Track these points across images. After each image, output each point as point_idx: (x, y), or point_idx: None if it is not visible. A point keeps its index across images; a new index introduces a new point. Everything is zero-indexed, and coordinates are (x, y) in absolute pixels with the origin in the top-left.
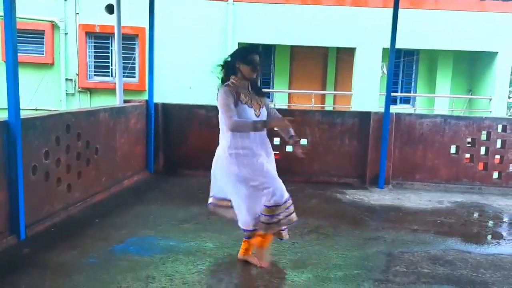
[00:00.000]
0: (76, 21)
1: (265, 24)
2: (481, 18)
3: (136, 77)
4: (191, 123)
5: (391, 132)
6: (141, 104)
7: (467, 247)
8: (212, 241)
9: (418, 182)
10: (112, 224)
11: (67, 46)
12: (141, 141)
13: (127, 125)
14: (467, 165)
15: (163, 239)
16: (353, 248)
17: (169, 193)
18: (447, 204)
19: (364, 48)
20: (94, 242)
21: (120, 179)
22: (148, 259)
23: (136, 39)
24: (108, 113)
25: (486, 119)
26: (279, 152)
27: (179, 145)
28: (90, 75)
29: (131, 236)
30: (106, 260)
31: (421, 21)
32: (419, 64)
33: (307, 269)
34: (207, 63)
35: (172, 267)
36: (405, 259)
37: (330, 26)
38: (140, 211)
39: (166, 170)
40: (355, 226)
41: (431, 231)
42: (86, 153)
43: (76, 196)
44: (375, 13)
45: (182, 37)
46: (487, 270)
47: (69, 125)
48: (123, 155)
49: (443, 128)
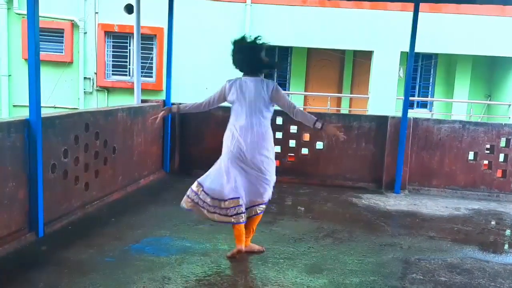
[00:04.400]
0: (95, 21)
1: (282, 25)
2: (501, 23)
3: (153, 77)
4: (208, 124)
5: (408, 137)
6: (159, 104)
7: (485, 256)
8: (228, 243)
9: (434, 188)
10: (128, 224)
11: (86, 45)
12: (157, 141)
13: (144, 125)
14: (485, 172)
15: (179, 240)
16: (369, 253)
17: (184, 193)
18: (464, 211)
19: (382, 51)
20: (111, 241)
21: (136, 179)
22: (164, 259)
23: (154, 39)
24: (126, 112)
25: (505, 126)
26: (294, 155)
27: (195, 145)
28: (108, 74)
29: (147, 236)
30: (122, 260)
31: (440, 25)
32: (437, 68)
33: (323, 274)
34: (224, 64)
35: (188, 269)
36: (422, 267)
37: (347, 29)
38: (155, 211)
39: (182, 170)
40: (371, 231)
41: (448, 239)
42: (103, 152)
43: (93, 195)
44: (394, 17)
45: (199, 37)
46: (506, 280)
47: (88, 124)
48: (139, 154)
49: (461, 134)
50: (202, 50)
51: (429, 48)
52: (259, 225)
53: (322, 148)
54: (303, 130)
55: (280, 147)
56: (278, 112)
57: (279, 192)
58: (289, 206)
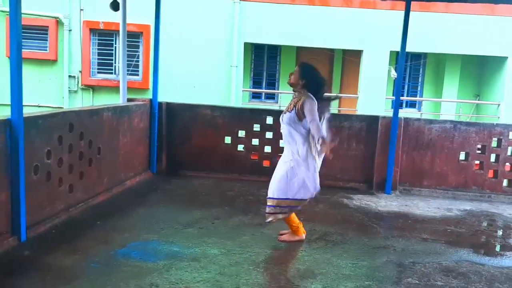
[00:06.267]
0: (80, 18)
1: (271, 24)
2: (491, 22)
3: (140, 75)
4: (196, 123)
5: (399, 137)
6: (145, 103)
7: (480, 259)
8: (217, 247)
9: (425, 189)
10: (114, 227)
11: (70, 42)
12: (144, 141)
13: (130, 125)
14: (476, 172)
15: (167, 244)
16: (362, 257)
17: (171, 195)
18: (456, 212)
19: (371, 50)
20: (96, 246)
21: (122, 180)
22: (151, 265)
23: (140, 37)
24: (112, 112)
25: (497, 126)
26: None
27: (183, 145)
28: (93, 72)
29: (133, 240)
30: (108, 265)
31: (429, 24)
32: (426, 68)
33: (316, 279)
34: (212, 62)
35: (177, 275)
36: (417, 270)
37: (337, 28)
38: (142, 213)
39: (169, 171)
40: (363, 233)
41: (441, 241)
42: (88, 153)
43: (78, 197)
44: (383, 16)
45: (187, 35)
46: (503, 285)
47: (72, 124)
48: (125, 155)
49: (453, 134)
50: (190, 48)
51: (418, 48)
52: (250, 227)
53: None
54: None
55: (271, 147)
56: (268, 111)
57: None
58: None
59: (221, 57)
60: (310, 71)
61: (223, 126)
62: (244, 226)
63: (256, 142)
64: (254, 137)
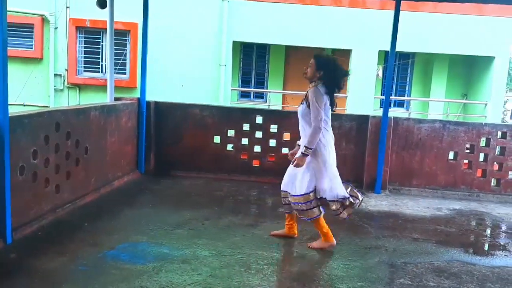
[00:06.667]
0: (66, 15)
1: (260, 22)
2: (479, 22)
3: (127, 74)
4: (184, 122)
5: (388, 136)
6: (133, 102)
7: (471, 259)
8: (208, 248)
9: (415, 188)
10: (102, 228)
11: (56, 40)
12: (132, 141)
13: (118, 124)
14: (465, 171)
15: (156, 246)
16: (354, 257)
17: (160, 195)
18: (446, 212)
19: (360, 50)
20: (84, 248)
21: (110, 180)
22: (140, 267)
23: (128, 35)
24: (99, 111)
25: (485, 125)
26: (274, 155)
27: (171, 145)
28: (79, 70)
29: (122, 242)
30: (97, 268)
31: (417, 24)
32: (414, 67)
33: (309, 280)
34: (201, 61)
35: (166, 277)
36: (409, 271)
37: (326, 27)
38: (131, 214)
39: (158, 171)
40: (354, 234)
41: (432, 240)
42: (75, 153)
43: (65, 198)
44: (372, 15)
45: (175, 33)
46: (495, 285)
47: (59, 123)
48: (113, 155)
49: (442, 134)
50: (178, 46)
51: (407, 47)
52: (241, 228)
53: None
54: (283, 129)
55: (260, 146)
56: (258, 111)
57: (259, 193)
58: (271, 207)
59: (210, 55)
60: (326, 61)
61: (212, 125)
62: (234, 226)
63: (246, 141)
64: (244, 136)
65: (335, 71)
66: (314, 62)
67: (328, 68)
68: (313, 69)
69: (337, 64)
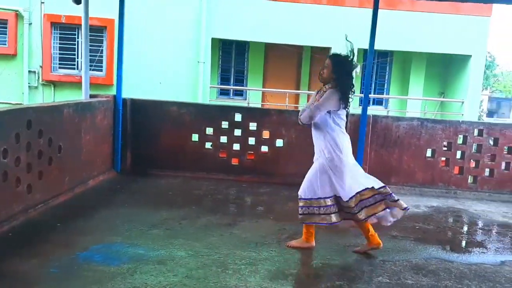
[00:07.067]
0: (41, 11)
1: (239, 20)
2: (456, 21)
3: (103, 71)
4: (162, 120)
5: (367, 134)
6: (108, 100)
7: (449, 256)
8: (184, 248)
9: (393, 186)
10: (75, 229)
11: (31, 36)
12: (108, 139)
13: (93, 122)
14: (442, 169)
15: (131, 247)
16: (333, 256)
17: (137, 195)
18: (424, 209)
19: (339, 48)
20: (56, 249)
21: (85, 179)
22: (114, 269)
23: (104, 31)
24: (73, 108)
25: (462, 123)
26: (253, 153)
27: (149, 143)
28: (54, 67)
29: (96, 243)
30: (69, 270)
31: (395, 22)
32: (393, 66)
33: (287, 280)
34: (179, 58)
35: (141, 279)
36: (387, 269)
37: (305, 25)
38: (106, 214)
39: (134, 170)
40: (334, 232)
41: (410, 238)
42: (48, 152)
43: (37, 198)
44: (351, 13)
45: (153, 30)
46: (472, 282)
47: (31, 121)
48: (88, 153)
49: (420, 131)
50: (156, 43)
51: (385, 46)
52: (218, 227)
53: (282, 146)
54: (262, 127)
55: (239, 145)
56: (236, 108)
57: (238, 192)
58: (249, 206)
59: (188, 52)
60: (344, 64)
61: (191, 123)
62: (212, 226)
63: (225, 139)
64: (223, 134)
65: (350, 73)
66: (330, 64)
67: (345, 69)
68: (329, 70)
69: (352, 65)
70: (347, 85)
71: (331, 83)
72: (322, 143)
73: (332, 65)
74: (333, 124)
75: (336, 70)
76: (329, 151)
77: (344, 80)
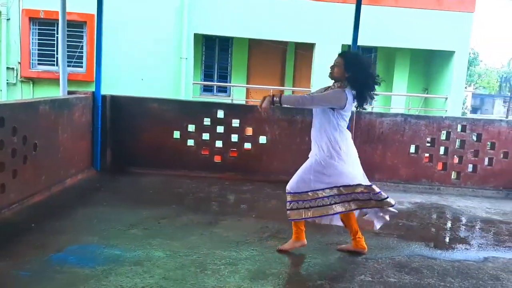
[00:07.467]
0: (19, 6)
1: (222, 15)
2: (439, 17)
3: (84, 67)
4: (143, 117)
5: (351, 130)
6: (87, 96)
7: (432, 253)
8: (163, 249)
9: (377, 182)
10: (51, 229)
11: (9, 32)
12: (87, 136)
13: (70, 119)
14: (426, 165)
15: (107, 247)
16: (315, 254)
17: (116, 193)
18: (407, 205)
19: (323, 43)
20: (29, 251)
21: (62, 178)
22: (88, 271)
23: (84, 27)
24: (49, 105)
25: (446, 119)
26: (236, 150)
27: (129, 141)
28: (33, 64)
29: (71, 244)
30: (40, 273)
31: (379, 18)
32: (377, 62)
33: (267, 280)
34: (161, 54)
35: (116, 281)
36: (370, 267)
37: (289, 20)
38: (83, 214)
39: (115, 168)
40: (316, 230)
41: (393, 235)
42: (23, 150)
43: (11, 197)
44: (335, 9)
45: (134, 25)
46: (455, 279)
47: (3, 118)
48: (65, 151)
49: (403, 127)
50: (137, 38)
51: (369, 41)
52: (199, 226)
53: (265, 143)
54: (245, 124)
55: (222, 142)
56: (219, 105)
57: (221, 190)
58: (232, 204)
59: (170, 48)
60: (357, 61)
61: (172, 120)
62: (192, 225)
63: (207, 136)
64: (205, 131)
65: (366, 73)
66: (342, 61)
67: (358, 69)
68: (340, 69)
69: (369, 63)
70: (364, 84)
71: (342, 82)
72: (322, 140)
73: (345, 62)
74: (335, 122)
75: (350, 68)
76: (328, 149)
77: (360, 79)
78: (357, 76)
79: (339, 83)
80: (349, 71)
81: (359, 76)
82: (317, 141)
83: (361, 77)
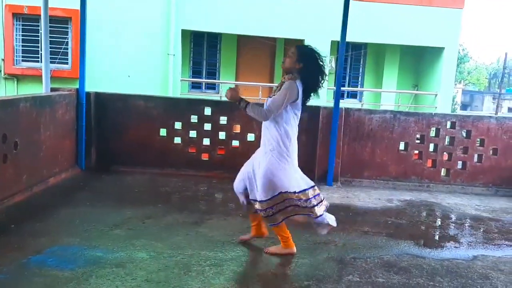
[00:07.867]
0: (2, 2)
1: (211, 11)
2: (429, 13)
3: (69, 64)
4: (128, 114)
5: (340, 127)
6: (71, 93)
7: (421, 252)
8: (146, 250)
9: (366, 180)
10: (31, 231)
11: None
12: (71, 135)
13: (53, 117)
14: (415, 162)
15: (89, 249)
16: (302, 254)
17: (100, 193)
18: (396, 203)
19: (312, 40)
20: (7, 253)
21: (45, 177)
22: (68, 273)
23: (69, 22)
24: (30, 102)
25: (435, 115)
26: (224, 148)
27: (114, 139)
28: (17, 60)
29: (51, 245)
30: (18, 276)
31: (369, 14)
32: (367, 58)
33: (253, 281)
34: (148, 50)
35: (96, 284)
36: (358, 267)
37: (278, 16)
38: (65, 214)
39: (99, 167)
40: (304, 228)
41: (382, 233)
42: (3, 149)
43: None
44: (324, 4)
45: (121, 21)
46: (444, 278)
47: None
48: (48, 150)
49: (393, 124)
50: (123, 34)
51: (359, 38)
52: (184, 226)
53: (253, 140)
54: (233, 121)
55: (209, 139)
56: (206, 102)
57: (208, 188)
58: (219, 203)
59: (157, 44)
60: (310, 53)
61: (158, 117)
62: (178, 225)
63: (194, 134)
64: (192, 129)
65: (317, 67)
66: (295, 52)
67: (310, 61)
68: (292, 60)
69: (321, 59)
70: (313, 78)
71: (292, 74)
72: (272, 133)
73: (297, 54)
74: (286, 115)
75: (302, 60)
76: (277, 143)
77: (310, 72)
78: (308, 68)
79: (290, 75)
80: (300, 62)
81: (309, 68)
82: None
83: (312, 70)
